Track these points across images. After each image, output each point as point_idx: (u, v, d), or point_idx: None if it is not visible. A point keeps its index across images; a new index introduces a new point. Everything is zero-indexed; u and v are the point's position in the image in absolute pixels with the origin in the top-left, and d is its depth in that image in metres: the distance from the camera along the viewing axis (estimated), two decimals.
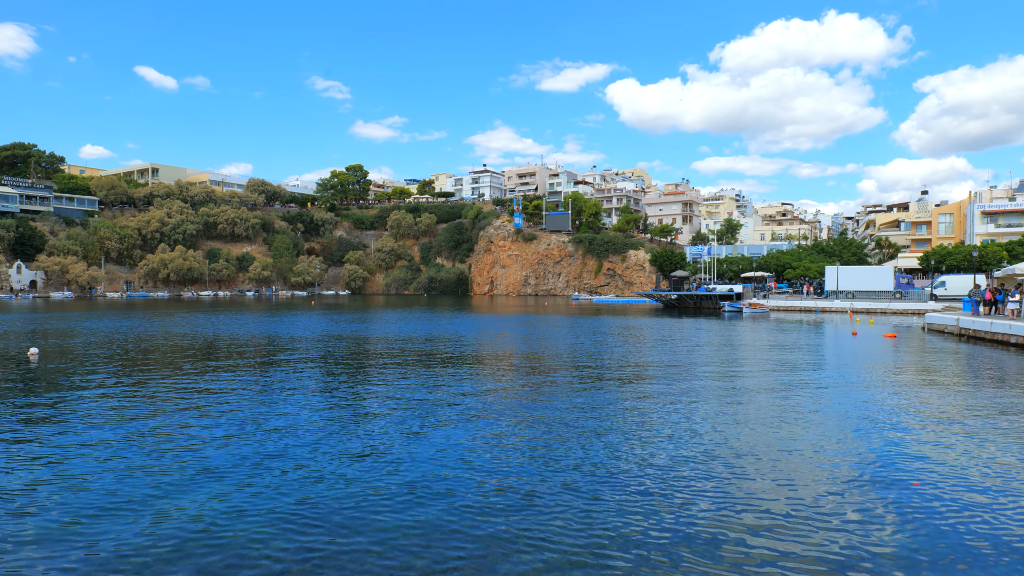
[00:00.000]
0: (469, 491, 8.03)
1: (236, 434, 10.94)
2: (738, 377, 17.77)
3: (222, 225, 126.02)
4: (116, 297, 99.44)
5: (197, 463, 9.19)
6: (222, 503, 7.59)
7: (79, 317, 45.97)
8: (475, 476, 8.63)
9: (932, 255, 67.34)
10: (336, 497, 7.81)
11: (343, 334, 32.37)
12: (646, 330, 35.64)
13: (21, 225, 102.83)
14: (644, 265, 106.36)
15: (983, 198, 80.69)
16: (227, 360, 21.55)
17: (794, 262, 76.11)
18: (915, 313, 49.51)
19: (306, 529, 6.85)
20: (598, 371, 18.88)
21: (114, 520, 7.06)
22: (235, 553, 6.26)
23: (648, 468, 8.99)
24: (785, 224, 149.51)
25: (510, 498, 7.76)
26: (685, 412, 12.81)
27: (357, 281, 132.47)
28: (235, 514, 7.25)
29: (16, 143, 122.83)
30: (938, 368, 20.10)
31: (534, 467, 9.03)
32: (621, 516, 7.18)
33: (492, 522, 7.02)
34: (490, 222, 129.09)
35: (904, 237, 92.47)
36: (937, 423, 12.00)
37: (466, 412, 12.82)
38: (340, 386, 16.16)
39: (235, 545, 6.44)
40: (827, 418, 12.37)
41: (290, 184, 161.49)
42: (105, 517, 7.15)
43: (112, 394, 14.80)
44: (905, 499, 7.73)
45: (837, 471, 8.88)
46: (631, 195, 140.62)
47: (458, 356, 22.93)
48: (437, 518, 7.14)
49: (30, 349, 23.10)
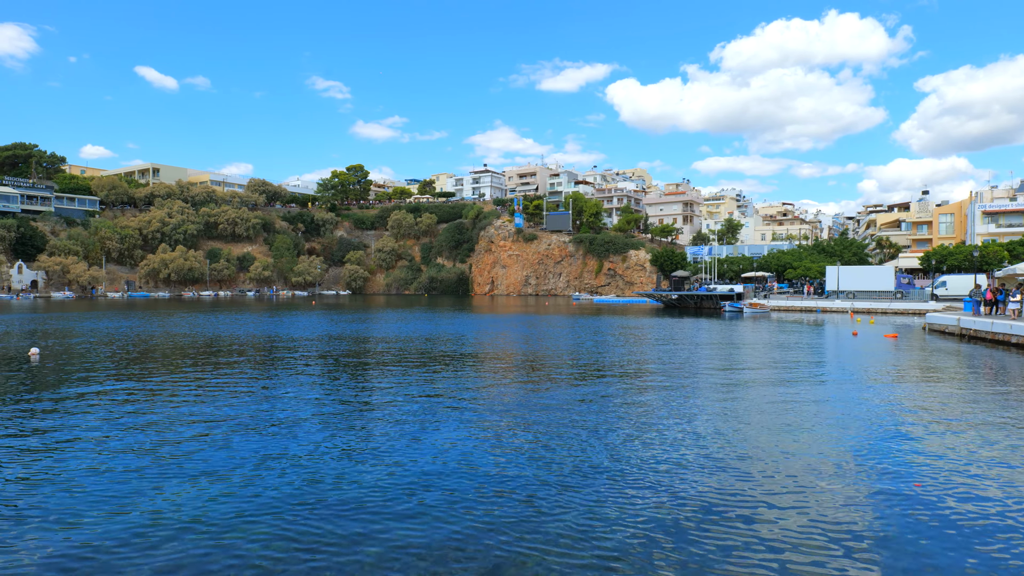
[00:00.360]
0: (470, 492, 8.02)
1: (236, 434, 10.94)
2: (739, 378, 17.76)
3: (223, 225, 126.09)
4: (117, 297, 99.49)
5: (197, 463, 9.19)
6: (221, 504, 7.58)
7: (80, 317, 45.99)
8: (476, 477, 8.62)
9: (933, 255, 67.31)
10: (339, 499, 7.80)
11: (344, 334, 32.38)
12: (647, 330, 35.63)
13: (22, 225, 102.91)
14: (645, 265, 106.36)
15: (984, 198, 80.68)
16: (228, 360, 21.55)
17: (795, 262, 76.10)
18: (916, 313, 49.47)
19: (306, 531, 6.84)
20: (599, 371, 18.87)
21: (112, 519, 7.06)
22: (234, 553, 6.25)
23: (650, 471, 8.97)
24: (786, 224, 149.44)
25: (511, 500, 7.76)
26: (687, 413, 12.80)
27: (358, 281, 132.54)
28: (234, 514, 7.24)
29: (17, 143, 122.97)
30: (939, 368, 20.08)
31: (535, 468, 9.02)
32: (623, 518, 7.17)
33: (495, 525, 7.02)
34: (491, 222, 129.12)
35: (905, 237, 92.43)
36: (939, 424, 11.98)
37: (467, 412, 12.82)
38: (341, 386, 16.16)
39: (234, 546, 6.43)
40: (828, 419, 12.36)
41: (291, 184, 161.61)
42: (104, 516, 7.14)
43: (112, 394, 14.80)
44: (907, 501, 7.70)
45: (838, 472, 8.86)
46: (632, 195, 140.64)
47: (459, 356, 22.93)
48: (438, 520, 7.13)
49: (31, 349, 23.11)
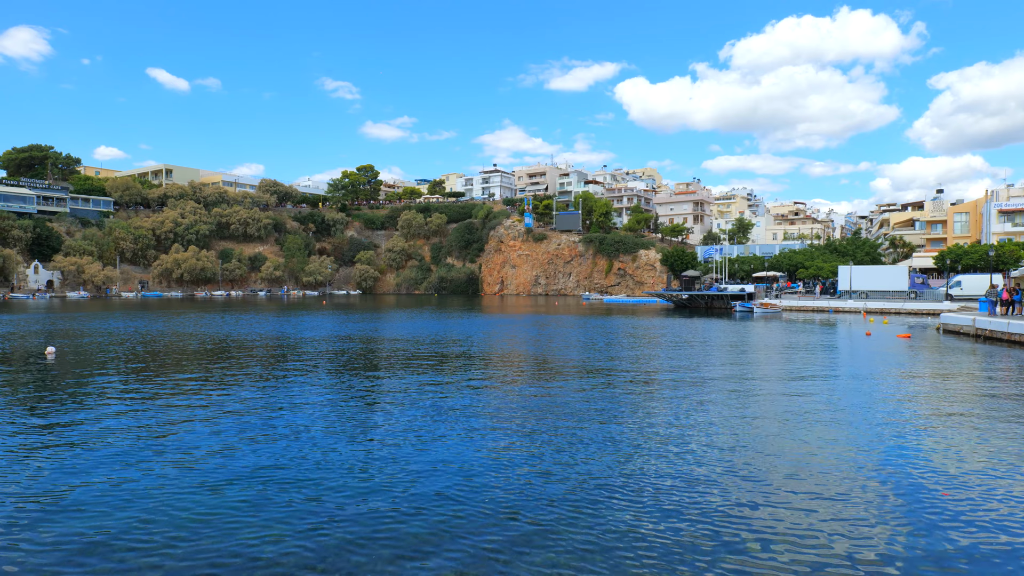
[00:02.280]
0: (475, 499, 8.03)
1: (245, 436, 11.03)
2: (753, 384, 17.65)
3: (235, 225, 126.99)
4: (131, 297, 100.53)
5: (207, 463, 9.28)
6: (229, 505, 7.66)
7: (94, 317, 46.52)
8: (485, 491, 8.63)
9: (948, 254, 66.54)
10: (346, 503, 7.85)
11: (355, 335, 32.53)
12: (658, 331, 35.51)
13: (38, 226, 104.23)
14: (655, 265, 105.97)
15: (1000, 197, 79.60)
16: (239, 360, 21.73)
17: (807, 262, 75.54)
18: (930, 313, 48.93)
19: (314, 535, 6.89)
20: (611, 373, 18.85)
21: (121, 513, 7.15)
22: (242, 556, 6.32)
23: (664, 478, 8.95)
24: (797, 223, 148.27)
25: (521, 506, 7.77)
26: (704, 421, 12.74)
27: (368, 281, 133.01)
28: (240, 515, 7.31)
29: (34, 145, 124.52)
30: (957, 370, 19.87)
31: (546, 474, 9.02)
32: (634, 522, 7.16)
33: (500, 528, 7.04)
34: (500, 222, 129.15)
35: (919, 236, 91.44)
36: (961, 427, 11.84)
37: (479, 416, 12.84)
38: (349, 390, 16.24)
39: (240, 549, 6.49)
40: (845, 423, 12.25)
41: (302, 184, 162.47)
42: (114, 510, 7.24)
43: (125, 393, 14.97)
44: (936, 510, 7.48)
45: (860, 480, 8.67)
46: (642, 195, 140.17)
47: (469, 359, 22.97)
48: (443, 529, 7.16)
49: (47, 348, 23.42)
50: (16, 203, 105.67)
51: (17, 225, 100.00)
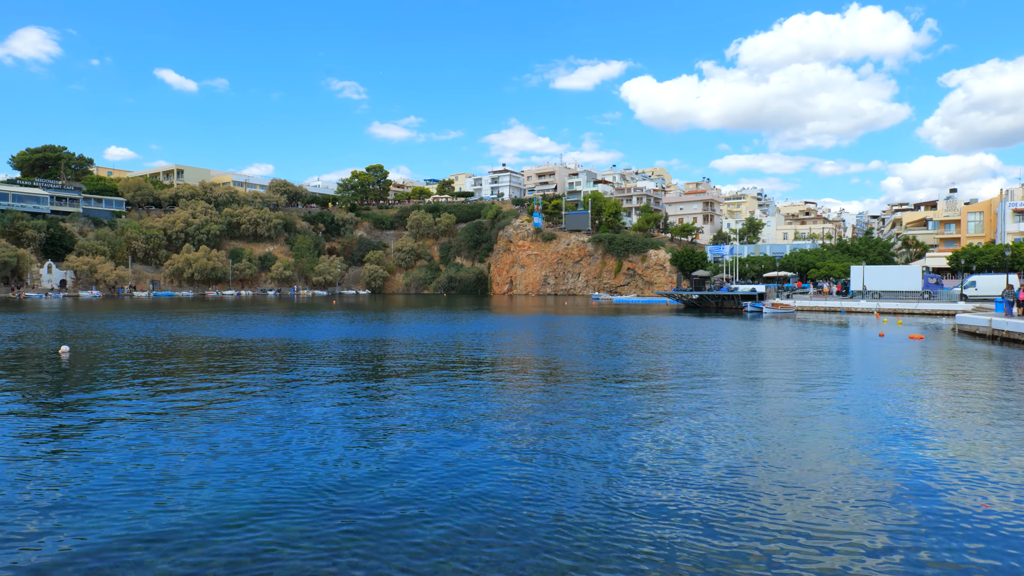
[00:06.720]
0: (489, 506, 7.97)
1: (255, 438, 11.02)
2: (766, 386, 17.48)
3: (245, 225, 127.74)
4: (143, 296, 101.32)
5: (221, 463, 9.27)
6: (239, 506, 7.63)
7: (107, 317, 46.87)
8: (494, 499, 8.57)
9: (962, 254, 65.82)
10: (362, 506, 7.81)
11: (365, 337, 32.59)
12: (668, 331, 35.33)
13: (52, 226, 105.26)
14: (664, 265, 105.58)
15: (1015, 195, 78.60)
16: (253, 362, 21.78)
17: (818, 261, 75.00)
18: (944, 314, 48.40)
19: (323, 539, 6.85)
20: (622, 375, 18.74)
21: (132, 515, 7.14)
22: (251, 555, 6.28)
23: (678, 485, 8.85)
24: (808, 223, 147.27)
25: (533, 509, 7.70)
26: (720, 425, 12.63)
27: (377, 281, 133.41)
28: (247, 516, 7.29)
29: (47, 145, 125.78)
30: (975, 372, 19.59)
31: (558, 479, 8.95)
32: (651, 526, 7.07)
33: (506, 532, 6.97)
34: (509, 222, 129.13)
35: (932, 236, 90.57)
36: (988, 432, 11.65)
37: (489, 417, 12.79)
38: (361, 390, 16.23)
39: (254, 550, 6.46)
40: (868, 428, 12.09)
41: (311, 184, 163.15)
42: (124, 512, 7.23)
43: (139, 393, 15.02)
44: (981, 523, 7.28)
45: (892, 490, 8.49)
46: (651, 194, 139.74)
47: (478, 361, 22.92)
48: (451, 533, 7.10)
49: (61, 347, 23.59)
50: (30, 203, 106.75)
51: (31, 225, 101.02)
